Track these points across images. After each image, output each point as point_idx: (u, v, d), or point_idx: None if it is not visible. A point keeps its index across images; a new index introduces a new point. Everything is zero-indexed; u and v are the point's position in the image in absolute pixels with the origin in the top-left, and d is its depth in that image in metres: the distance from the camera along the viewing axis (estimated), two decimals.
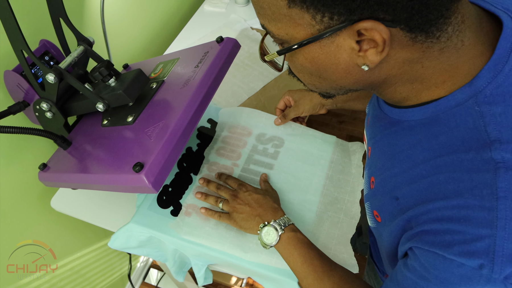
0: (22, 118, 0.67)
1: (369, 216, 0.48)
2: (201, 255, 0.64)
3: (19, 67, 0.60)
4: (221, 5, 1.20)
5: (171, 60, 0.64)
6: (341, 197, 0.69)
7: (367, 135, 0.52)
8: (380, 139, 0.46)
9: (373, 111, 0.50)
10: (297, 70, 0.40)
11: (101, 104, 0.52)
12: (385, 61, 0.34)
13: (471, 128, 0.34)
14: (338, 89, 0.40)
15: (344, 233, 0.63)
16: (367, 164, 0.50)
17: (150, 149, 0.47)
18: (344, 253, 0.61)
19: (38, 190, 0.77)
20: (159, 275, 1.42)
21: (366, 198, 0.49)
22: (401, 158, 0.40)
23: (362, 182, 0.71)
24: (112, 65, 0.54)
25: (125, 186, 0.47)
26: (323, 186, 0.70)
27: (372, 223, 0.47)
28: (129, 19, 0.94)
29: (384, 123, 0.45)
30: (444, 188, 0.34)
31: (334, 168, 0.73)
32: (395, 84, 0.38)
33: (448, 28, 0.32)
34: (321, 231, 0.64)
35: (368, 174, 0.49)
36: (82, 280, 1.02)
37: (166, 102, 0.54)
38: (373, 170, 0.47)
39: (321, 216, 0.66)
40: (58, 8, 0.58)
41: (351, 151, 0.76)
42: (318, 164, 0.73)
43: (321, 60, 0.36)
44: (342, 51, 0.34)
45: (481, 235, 0.31)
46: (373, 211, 0.45)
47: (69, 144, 0.61)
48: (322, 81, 0.39)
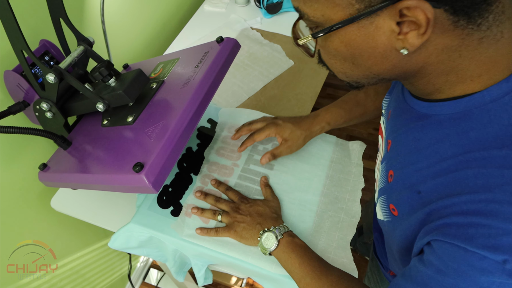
0: (22, 118, 0.67)
1: (384, 210, 0.47)
2: (201, 255, 0.64)
3: (19, 67, 0.60)
4: (221, 5, 1.20)
5: (171, 60, 0.64)
6: (341, 196, 0.69)
7: (387, 128, 0.51)
8: (404, 133, 0.45)
9: (396, 103, 0.49)
10: (330, 55, 0.39)
11: (101, 104, 0.52)
12: (424, 46, 0.33)
13: (506, 125, 0.33)
14: (371, 78, 0.39)
15: (344, 235, 0.64)
16: (385, 158, 0.50)
17: (150, 149, 0.47)
18: (343, 257, 0.61)
19: (38, 190, 0.77)
20: (159, 275, 1.42)
21: (382, 191, 0.48)
22: (427, 152, 0.40)
23: (362, 181, 0.71)
24: (112, 65, 0.54)
25: (125, 186, 0.47)
26: (324, 186, 0.70)
27: (386, 217, 0.47)
28: (129, 19, 0.94)
29: (410, 116, 0.44)
30: (473, 182, 0.33)
31: (334, 168, 0.73)
32: (429, 74, 0.37)
33: (489, 16, 0.31)
34: (321, 233, 0.64)
35: (386, 167, 0.48)
36: (82, 280, 1.02)
37: (166, 102, 0.54)
38: (392, 163, 0.46)
39: (321, 215, 0.66)
40: (58, 8, 0.58)
41: (351, 150, 0.76)
42: (318, 163, 0.73)
43: (357, 43, 0.35)
44: (381, 33, 0.33)
45: (508, 230, 0.30)
46: (390, 205, 0.45)
47: (69, 144, 0.61)
48: (355, 68, 0.38)
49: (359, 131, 1.84)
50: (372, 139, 1.80)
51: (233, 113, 0.81)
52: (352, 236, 0.64)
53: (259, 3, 1.13)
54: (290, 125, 0.69)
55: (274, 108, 0.89)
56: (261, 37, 1.08)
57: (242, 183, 0.71)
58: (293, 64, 0.99)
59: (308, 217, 0.66)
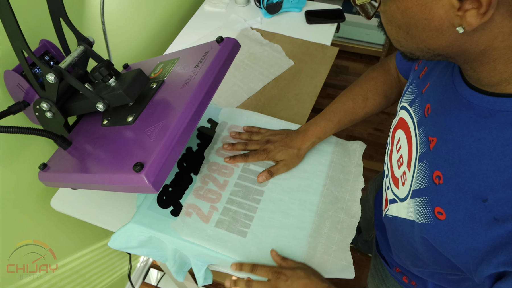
0: (22, 118, 0.67)
1: (422, 212, 0.44)
2: (201, 255, 0.64)
3: (19, 67, 0.60)
4: (221, 5, 1.20)
5: (171, 60, 0.64)
6: (341, 196, 0.69)
7: (427, 124, 0.46)
8: (459, 131, 0.40)
9: (441, 96, 0.44)
10: (387, 20, 0.37)
11: (101, 104, 0.52)
12: (487, 27, 0.30)
13: None
14: (426, 51, 0.37)
15: (344, 238, 0.64)
16: (426, 156, 0.45)
17: (150, 149, 0.47)
18: (343, 260, 0.61)
19: (38, 190, 0.77)
20: (159, 275, 1.42)
21: (421, 192, 0.45)
22: (494, 155, 0.36)
23: (362, 181, 0.71)
24: (112, 65, 0.54)
25: (125, 186, 0.47)
26: (324, 186, 0.70)
27: (422, 219, 0.44)
28: (129, 19, 0.94)
29: (466, 112, 0.39)
30: None
31: (334, 168, 0.73)
32: (495, 60, 0.33)
33: None
34: (321, 234, 0.64)
35: (429, 167, 0.44)
36: (82, 280, 1.02)
37: (166, 102, 0.54)
38: (440, 163, 0.42)
39: (321, 215, 0.66)
40: (58, 8, 0.58)
41: (351, 150, 0.76)
42: (318, 163, 0.73)
43: (413, 13, 0.33)
44: (439, 5, 0.31)
45: None
46: (435, 208, 0.42)
47: (69, 144, 0.61)
48: (410, 39, 0.36)
49: (359, 131, 1.84)
50: (372, 139, 1.80)
51: (233, 114, 0.81)
52: (352, 239, 0.64)
53: (259, 3, 1.13)
54: (281, 147, 0.71)
55: (274, 108, 0.89)
56: (261, 37, 1.08)
57: (242, 183, 0.71)
58: (293, 64, 0.99)
59: (308, 217, 0.66)
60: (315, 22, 1.12)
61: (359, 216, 0.66)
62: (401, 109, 0.56)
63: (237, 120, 0.80)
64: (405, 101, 0.55)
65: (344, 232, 0.64)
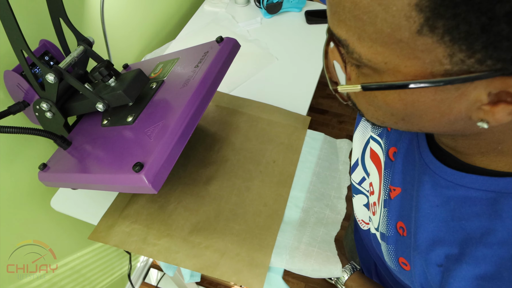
0: (22, 118, 0.67)
1: (389, 257, 0.44)
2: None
3: (19, 67, 0.60)
4: (221, 5, 1.20)
5: (171, 60, 0.64)
6: (327, 193, 0.69)
7: (393, 171, 0.43)
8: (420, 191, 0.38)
9: (406, 150, 0.41)
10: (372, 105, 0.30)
11: (101, 104, 0.52)
12: None
13: None
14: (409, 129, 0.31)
15: (328, 231, 0.64)
16: (387, 204, 0.44)
17: (150, 149, 0.47)
18: (328, 251, 0.61)
19: (38, 190, 0.77)
20: (159, 275, 1.42)
21: (388, 239, 0.44)
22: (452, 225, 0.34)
23: (348, 178, 0.71)
24: (112, 65, 0.54)
25: (125, 186, 0.47)
26: (310, 183, 0.71)
27: (391, 264, 0.44)
28: (129, 19, 0.94)
29: (428, 177, 0.37)
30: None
31: (321, 165, 0.73)
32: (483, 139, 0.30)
33: None
34: (306, 227, 0.64)
35: (393, 217, 0.43)
36: (82, 280, 1.02)
37: (166, 102, 0.54)
38: (403, 216, 0.41)
39: (307, 211, 0.67)
40: (58, 8, 0.59)
41: (339, 148, 0.76)
42: (305, 161, 0.74)
43: (424, 106, 0.26)
44: (464, 100, 0.24)
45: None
46: (399, 258, 0.42)
47: (69, 144, 0.61)
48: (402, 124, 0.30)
49: None
50: None
51: None
52: (336, 233, 0.64)
53: (259, 3, 1.13)
54: None
55: None
56: (247, 33, 1.08)
57: None
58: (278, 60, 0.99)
59: (294, 213, 0.66)
60: (315, 22, 1.12)
61: (344, 213, 0.67)
62: (370, 138, 0.51)
63: None
64: (373, 131, 0.50)
65: (329, 226, 0.65)
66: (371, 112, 0.31)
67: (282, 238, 0.62)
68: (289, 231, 0.63)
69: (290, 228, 0.64)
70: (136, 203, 0.69)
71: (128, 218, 0.66)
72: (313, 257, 0.60)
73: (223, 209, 0.66)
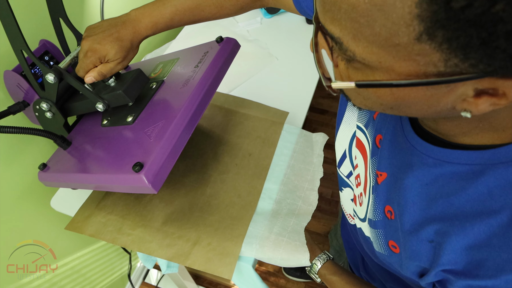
0: (22, 118, 0.67)
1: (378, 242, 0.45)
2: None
3: (19, 67, 0.60)
4: None
5: (171, 60, 0.64)
6: (300, 185, 0.70)
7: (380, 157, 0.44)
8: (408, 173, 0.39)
9: (391, 135, 0.42)
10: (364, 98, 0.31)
11: (101, 104, 0.52)
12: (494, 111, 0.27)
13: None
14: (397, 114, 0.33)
15: (299, 221, 0.64)
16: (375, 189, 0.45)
17: (150, 149, 0.47)
18: (297, 241, 0.61)
19: (38, 190, 0.77)
20: (159, 275, 1.42)
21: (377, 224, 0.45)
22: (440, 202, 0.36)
23: (321, 171, 0.71)
24: None
25: (124, 186, 0.47)
26: (284, 175, 0.71)
27: (379, 249, 0.45)
28: None
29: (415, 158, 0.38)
30: None
31: (296, 158, 0.74)
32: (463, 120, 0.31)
33: None
34: (278, 218, 0.65)
35: (381, 202, 0.44)
36: (82, 280, 1.02)
37: (166, 102, 0.54)
38: (389, 199, 0.42)
39: (280, 203, 0.67)
40: (58, 8, 0.59)
41: (314, 141, 0.76)
42: (281, 154, 0.74)
43: (414, 100, 0.28)
44: (451, 95, 0.26)
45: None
46: (389, 241, 0.43)
47: (69, 144, 0.61)
48: (388, 110, 0.31)
49: None
50: None
51: None
52: (307, 223, 0.64)
53: None
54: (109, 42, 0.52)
55: None
56: (247, 33, 1.08)
57: None
58: (278, 60, 0.99)
59: (267, 204, 0.67)
60: None
61: (316, 205, 0.67)
62: (356, 128, 0.52)
63: None
64: (359, 121, 0.50)
65: (300, 217, 0.65)
66: (360, 100, 0.32)
67: (253, 228, 0.63)
68: (261, 221, 0.64)
69: (262, 218, 0.64)
70: (113, 194, 0.69)
71: (104, 209, 0.67)
72: (282, 247, 0.60)
73: (197, 201, 0.67)
